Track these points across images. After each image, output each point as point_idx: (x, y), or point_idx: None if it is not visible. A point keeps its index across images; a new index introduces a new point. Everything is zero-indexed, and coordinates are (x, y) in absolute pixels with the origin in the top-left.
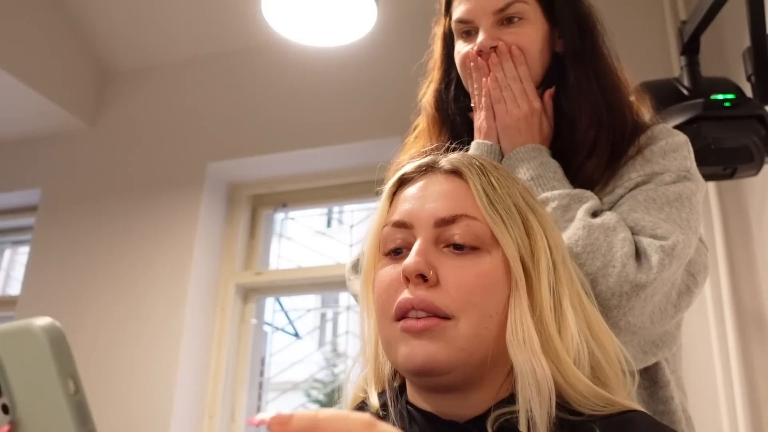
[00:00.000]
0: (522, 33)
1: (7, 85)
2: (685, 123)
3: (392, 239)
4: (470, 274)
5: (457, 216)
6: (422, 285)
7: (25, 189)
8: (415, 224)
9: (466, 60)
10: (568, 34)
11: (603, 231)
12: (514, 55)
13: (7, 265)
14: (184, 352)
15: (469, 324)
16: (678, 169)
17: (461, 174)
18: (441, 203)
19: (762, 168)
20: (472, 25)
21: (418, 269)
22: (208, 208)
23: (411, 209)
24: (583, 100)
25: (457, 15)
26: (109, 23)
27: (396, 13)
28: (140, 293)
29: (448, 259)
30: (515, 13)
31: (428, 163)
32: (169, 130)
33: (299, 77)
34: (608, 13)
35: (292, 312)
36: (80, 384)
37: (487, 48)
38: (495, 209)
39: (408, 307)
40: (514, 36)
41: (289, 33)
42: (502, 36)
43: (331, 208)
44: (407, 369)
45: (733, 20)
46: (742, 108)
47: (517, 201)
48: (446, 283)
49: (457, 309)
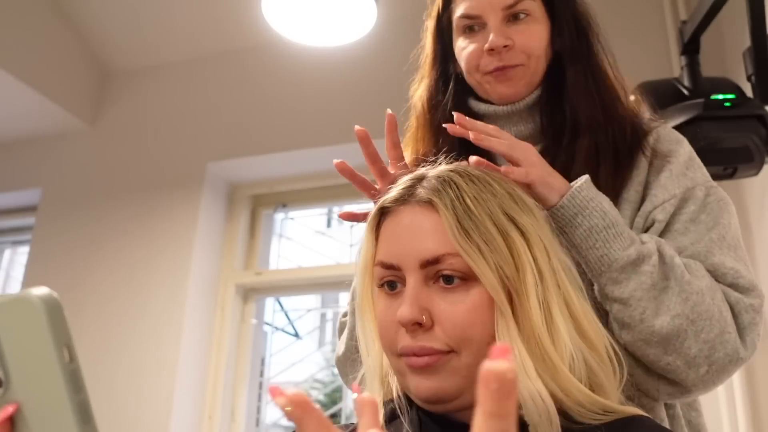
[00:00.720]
0: (531, 32)
1: (7, 85)
2: (685, 123)
3: (384, 276)
4: (462, 311)
5: (440, 256)
6: (419, 330)
7: (25, 189)
8: (403, 267)
9: (471, 57)
10: (566, 33)
11: (710, 293)
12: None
13: (7, 265)
14: (184, 352)
15: (471, 354)
16: (704, 181)
17: (435, 205)
18: (424, 243)
19: (762, 168)
20: (478, 21)
21: (413, 319)
22: (208, 208)
23: (397, 251)
24: (581, 99)
25: (462, 10)
26: (109, 23)
27: (396, 13)
28: (140, 293)
29: (440, 296)
30: (523, 10)
31: (405, 194)
32: (169, 130)
33: (299, 77)
34: (608, 13)
35: (292, 312)
36: (75, 353)
37: (500, 47)
38: (470, 240)
39: (410, 353)
40: (523, 35)
41: (289, 33)
42: (512, 35)
43: (331, 208)
44: (418, 398)
45: (733, 20)
46: (742, 108)
47: (497, 218)
48: (441, 323)
49: (456, 344)
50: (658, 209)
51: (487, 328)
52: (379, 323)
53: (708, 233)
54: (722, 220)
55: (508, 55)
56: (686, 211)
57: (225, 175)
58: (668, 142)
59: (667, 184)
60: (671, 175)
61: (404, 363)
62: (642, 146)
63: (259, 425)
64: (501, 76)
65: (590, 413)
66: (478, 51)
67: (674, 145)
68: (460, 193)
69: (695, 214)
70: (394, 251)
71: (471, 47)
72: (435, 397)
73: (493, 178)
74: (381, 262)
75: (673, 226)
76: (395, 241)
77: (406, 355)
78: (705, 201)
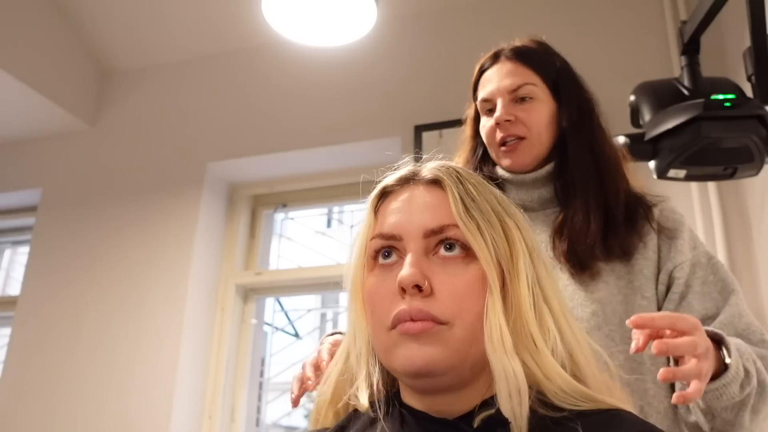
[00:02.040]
0: (533, 111)
1: (7, 85)
2: (685, 123)
3: (381, 246)
4: (462, 282)
5: (444, 226)
6: (418, 295)
7: (25, 189)
8: (405, 236)
9: (487, 133)
10: (569, 113)
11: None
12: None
13: (7, 265)
14: (184, 352)
15: (463, 328)
16: (704, 252)
17: (441, 183)
18: (428, 215)
19: (762, 168)
20: (493, 104)
21: (415, 280)
22: (208, 208)
23: (399, 222)
24: (579, 168)
25: (481, 96)
26: (109, 23)
27: (396, 13)
28: (140, 293)
29: (440, 267)
30: (526, 94)
31: (409, 175)
32: (169, 130)
33: (299, 77)
34: (608, 13)
35: (292, 312)
36: None
37: (503, 120)
38: (470, 216)
39: (406, 318)
40: (525, 113)
41: (289, 33)
42: (515, 112)
43: (331, 208)
44: (406, 372)
45: (733, 20)
46: (742, 108)
47: (495, 205)
48: (440, 292)
49: (452, 315)
50: (678, 268)
51: (479, 305)
52: (370, 297)
53: (727, 297)
54: (731, 279)
55: (511, 127)
56: (698, 276)
57: (225, 175)
58: (673, 221)
59: (682, 249)
60: (684, 242)
61: (396, 333)
62: (648, 217)
63: (259, 425)
64: (507, 151)
65: (571, 398)
66: (492, 128)
67: (678, 224)
68: (462, 179)
69: (704, 277)
70: (395, 223)
71: (487, 125)
72: (426, 368)
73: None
74: (380, 234)
75: (695, 288)
76: (397, 214)
77: (402, 321)
78: (708, 264)
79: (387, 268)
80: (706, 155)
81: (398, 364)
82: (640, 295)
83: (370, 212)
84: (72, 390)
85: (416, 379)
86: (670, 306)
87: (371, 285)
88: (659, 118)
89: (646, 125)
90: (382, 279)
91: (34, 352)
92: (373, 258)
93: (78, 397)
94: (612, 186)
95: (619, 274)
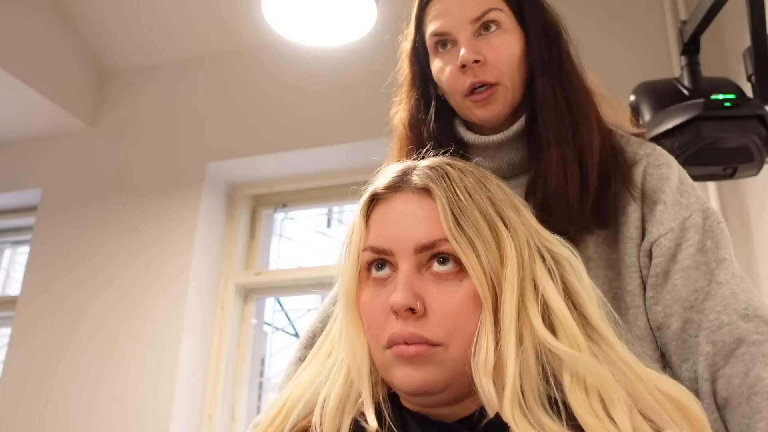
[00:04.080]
0: (502, 45)
1: (7, 85)
2: (685, 123)
3: (373, 259)
4: (455, 300)
5: (436, 241)
6: (411, 317)
7: (25, 189)
8: (396, 252)
9: (450, 79)
10: (535, 44)
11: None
12: None
13: (7, 265)
14: (184, 352)
15: (458, 347)
16: (699, 206)
17: (430, 192)
18: (419, 229)
19: (762, 168)
20: (448, 37)
21: (407, 304)
22: (208, 208)
23: (390, 236)
24: (549, 112)
25: (433, 28)
26: (109, 23)
27: (396, 13)
28: (140, 293)
29: (433, 285)
30: (492, 20)
31: (397, 181)
32: (169, 130)
33: (299, 77)
34: (608, 13)
35: (292, 312)
36: None
37: (471, 62)
38: (461, 230)
39: (399, 341)
40: (494, 50)
41: (289, 33)
42: (482, 49)
43: (331, 208)
44: (404, 390)
45: (733, 20)
46: (742, 108)
47: (486, 210)
48: (433, 312)
49: (446, 336)
50: (655, 245)
51: (472, 324)
52: (365, 312)
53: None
54: (727, 247)
55: (481, 70)
56: (691, 243)
57: (225, 175)
58: (658, 178)
59: (662, 219)
60: (666, 207)
61: (391, 354)
62: (627, 182)
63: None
64: (479, 100)
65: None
66: (455, 72)
67: (661, 180)
68: (453, 183)
69: (700, 243)
70: (387, 236)
71: (448, 69)
72: (422, 389)
73: (483, 171)
74: (372, 247)
75: (683, 262)
76: (388, 226)
77: (396, 344)
78: (705, 226)
79: (380, 283)
80: (706, 155)
81: (396, 383)
82: (623, 289)
83: (360, 219)
84: (72, 390)
85: (415, 397)
86: (650, 293)
87: (365, 300)
88: (659, 118)
89: (646, 125)
90: (376, 295)
91: (34, 352)
92: (366, 269)
93: (78, 396)
94: (587, 138)
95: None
